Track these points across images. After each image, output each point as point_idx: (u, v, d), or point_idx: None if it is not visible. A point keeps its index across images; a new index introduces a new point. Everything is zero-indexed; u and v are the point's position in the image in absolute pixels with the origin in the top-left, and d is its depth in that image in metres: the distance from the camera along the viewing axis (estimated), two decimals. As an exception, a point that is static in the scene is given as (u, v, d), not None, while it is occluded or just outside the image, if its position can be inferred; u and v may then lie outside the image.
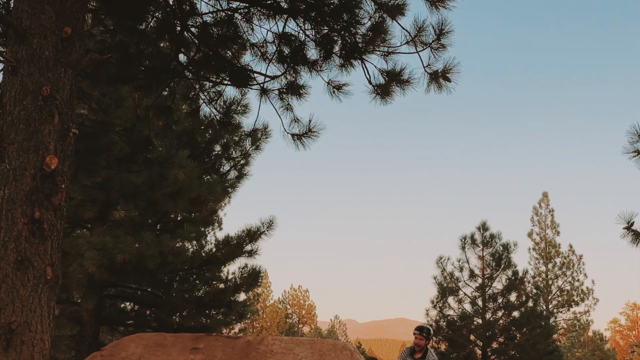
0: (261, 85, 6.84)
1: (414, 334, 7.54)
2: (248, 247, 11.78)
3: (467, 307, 19.83)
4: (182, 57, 6.88)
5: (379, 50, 6.29)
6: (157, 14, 6.46)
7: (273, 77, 6.74)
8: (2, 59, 4.97)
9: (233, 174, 12.98)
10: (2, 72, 4.87)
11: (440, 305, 19.91)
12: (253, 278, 12.35)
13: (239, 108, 7.46)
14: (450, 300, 19.93)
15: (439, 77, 6.12)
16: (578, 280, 34.66)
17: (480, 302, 19.77)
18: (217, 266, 12.71)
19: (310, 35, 6.39)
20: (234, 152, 12.86)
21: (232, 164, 13.01)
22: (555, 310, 34.19)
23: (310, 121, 6.82)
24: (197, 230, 12.60)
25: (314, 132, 6.83)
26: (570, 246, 35.39)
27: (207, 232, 14.52)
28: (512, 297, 19.72)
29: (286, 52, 6.57)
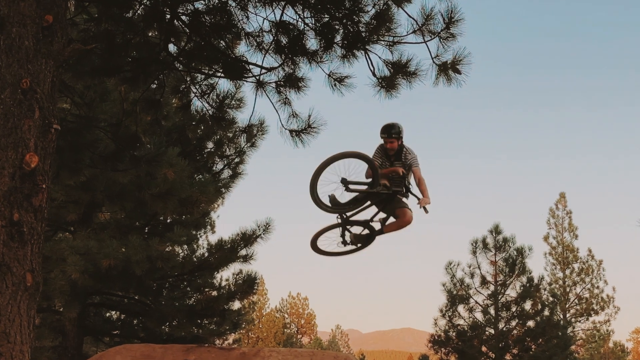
0: (257, 77, 6.84)
1: (382, 137, 6.50)
2: (243, 252, 11.80)
3: (479, 316, 19.86)
4: (172, 48, 6.89)
5: (383, 40, 6.29)
6: (145, 0, 6.47)
7: (270, 69, 6.74)
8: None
9: (227, 173, 13.00)
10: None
11: (449, 314, 19.93)
12: (248, 285, 12.37)
13: (233, 102, 7.47)
14: (461, 308, 19.98)
15: (448, 69, 6.11)
16: (598, 287, 34.67)
17: (492, 311, 19.78)
18: (210, 272, 12.74)
19: (310, 24, 6.39)
20: (227, 149, 12.88)
21: (225, 162, 13.03)
22: (573, 320, 34.20)
23: (309, 116, 6.82)
24: (188, 233, 12.62)
25: (313, 127, 6.83)
26: (590, 251, 35.40)
27: (198, 236, 14.54)
28: (527, 305, 19.75)
29: (284, 42, 6.56)
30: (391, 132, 6.44)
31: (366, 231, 6.85)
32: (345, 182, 6.26)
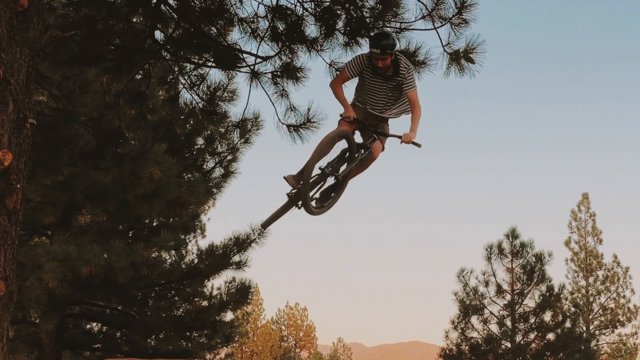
0: (251, 67, 6.84)
1: (373, 52, 5.42)
2: (236, 258, 11.81)
3: (494, 328, 19.86)
4: (158, 35, 6.88)
5: (389, 27, 6.29)
6: (129, -17, 6.47)
7: (265, 58, 6.74)
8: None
9: (218, 172, 13.00)
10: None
11: (462, 326, 19.92)
12: (242, 294, 12.38)
13: (226, 94, 7.47)
14: (474, 320, 19.97)
15: (460, 58, 6.11)
16: (624, 296, 34.67)
17: (509, 323, 19.78)
18: (200, 280, 12.74)
19: (309, 9, 6.39)
20: (219, 146, 12.88)
21: (217, 159, 13.03)
22: (597, 332, 34.21)
23: (309, 110, 6.81)
24: (175, 237, 12.62)
25: (313, 122, 6.83)
26: (615, 257, 35.39)
27: (187, 241, 14.57)
28: (547, 316, 19.74)
29: (281, 28, 6.56)
30: (384, 45, 5.42)
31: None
32: (332, 173, 5.66)
